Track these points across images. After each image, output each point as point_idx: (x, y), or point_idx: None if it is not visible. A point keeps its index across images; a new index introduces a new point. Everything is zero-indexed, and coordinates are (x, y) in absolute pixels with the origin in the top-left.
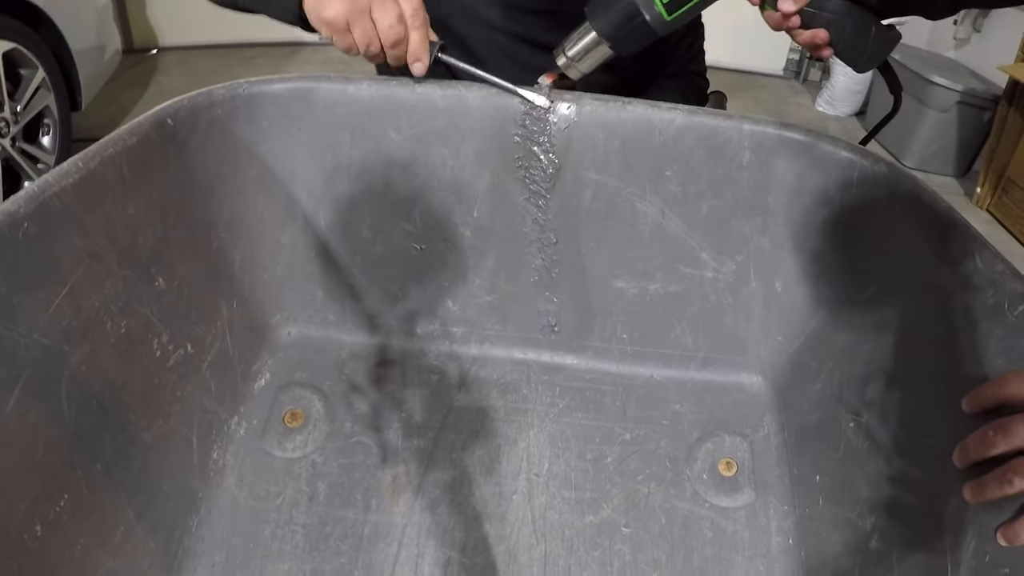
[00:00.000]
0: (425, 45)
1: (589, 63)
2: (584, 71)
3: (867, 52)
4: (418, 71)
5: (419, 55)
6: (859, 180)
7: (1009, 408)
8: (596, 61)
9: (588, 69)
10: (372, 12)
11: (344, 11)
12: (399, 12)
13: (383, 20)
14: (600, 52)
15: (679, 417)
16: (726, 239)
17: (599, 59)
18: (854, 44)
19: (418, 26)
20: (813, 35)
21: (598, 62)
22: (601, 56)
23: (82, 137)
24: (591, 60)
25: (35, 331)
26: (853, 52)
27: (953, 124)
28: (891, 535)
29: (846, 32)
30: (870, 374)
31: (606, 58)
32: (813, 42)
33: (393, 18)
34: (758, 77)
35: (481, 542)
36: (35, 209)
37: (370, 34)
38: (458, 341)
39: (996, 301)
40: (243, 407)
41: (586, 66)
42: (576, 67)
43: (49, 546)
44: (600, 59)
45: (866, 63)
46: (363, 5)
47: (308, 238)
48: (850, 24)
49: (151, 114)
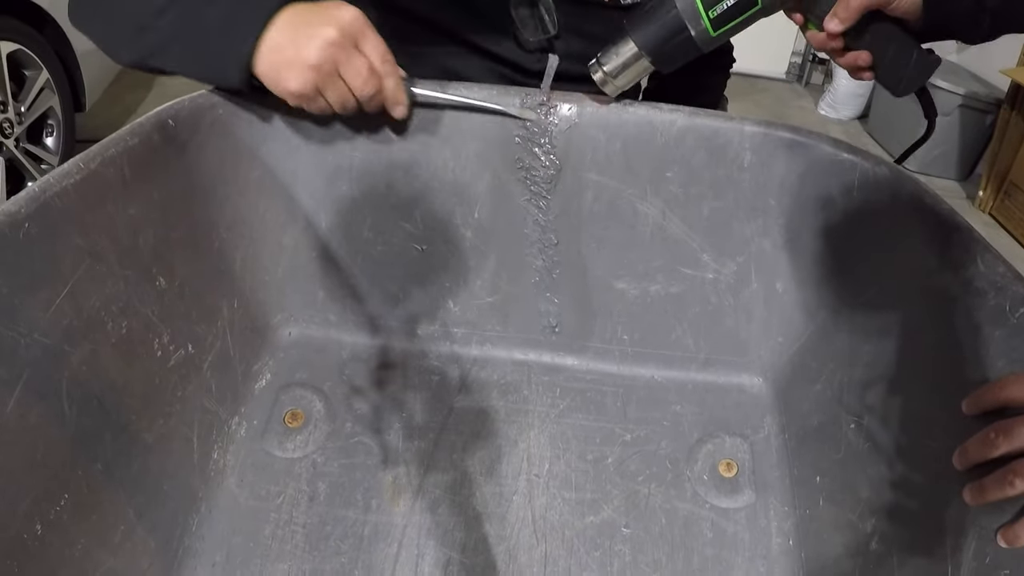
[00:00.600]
0: (401, 88)
1: (627, 78)
2: (621, 87)
3: (906, 77)
4: (400, 114)
5: (398, 100)
6: (861, 183)
7: (1010, 411)
8: (635, 76)
9: (626, 85)
10: (341, 73)
11: (311, 80)
12: (368, 64)
13: (355, 79)
14: (640, 67)
15: (680, 418)
16: (727, 240)
17: (638, 74)
18: (895, 68)
19: (390, 72)
20: (855, 57)
21: (637, 77)
22: (640, 71)
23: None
24: (630, 75)
25: (36, 331)
26: (893, 76)
27: (955, 127)
28: (892, 537)
29: (888, 56)
30: (871, 376)
31: (645, 73)
32: (855, 64)
33: (365, 73)
34: (761, 80)
35: (481, 542)
36: (36, 209)
37: (344, 95)
38: (459, 342)
39: (997, 304)
40: (244, 407)
41: (624, 81)
42: (613, 83)
43: (49, 545)
44: (639, 74)
45: (905, 88)
46: (329, 69)
47: (309, 239)
48: (893, 48)
49: (152, 115)
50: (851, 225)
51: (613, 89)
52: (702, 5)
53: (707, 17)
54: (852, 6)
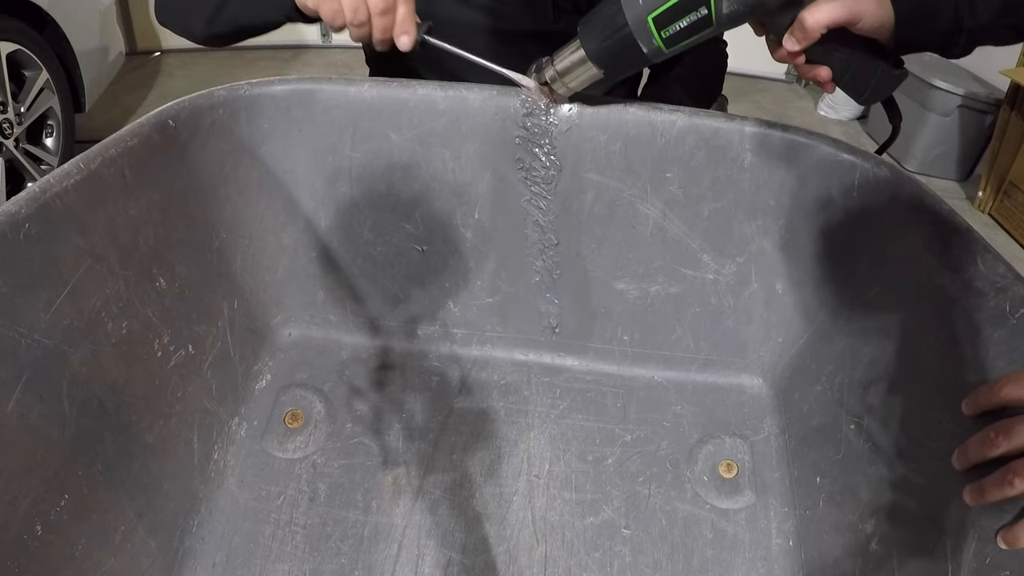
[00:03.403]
0: (412, 19)
1: (578, 82)
2: (573, 89)
3: (870, 89)
4: (404, 45)
5: (406, 28)
6: (860, 183)
7: (1010, 410)
8: (586, 81)
9: (577, 88)
10: None
11: None
12: None
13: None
14: (590, 74)
15: (680, 419)
16: (727, 241)
17: (588, 80)
18: (856, 83)
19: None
20: (814, 72)
21: (588, 82)
22: (591, 78)
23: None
24: (580, 79)
25: (36, 331)
26: (856, 89)
27: (955, 128)
28: (892, 538)
29: (848, 72)
30: (871, 377)
31: (595, 79)
32: (814, 78)
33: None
34: (760, 81)
35: (481, 543)
36: (36, 210)
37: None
38: (459, 342)
39: (997, 304)
40: (244, 408)
41: (575, 84)
42: (563, 83)
43: (50, 546)
44: (589, 80)
45: (869, 98)
46: None
47: (309, 239)
48: (854, 65)
49: (152, 115)
50: (851, 226)
51: (563, 89)
52: (654, 26)
53: (659, 37)
54: (809, 28)
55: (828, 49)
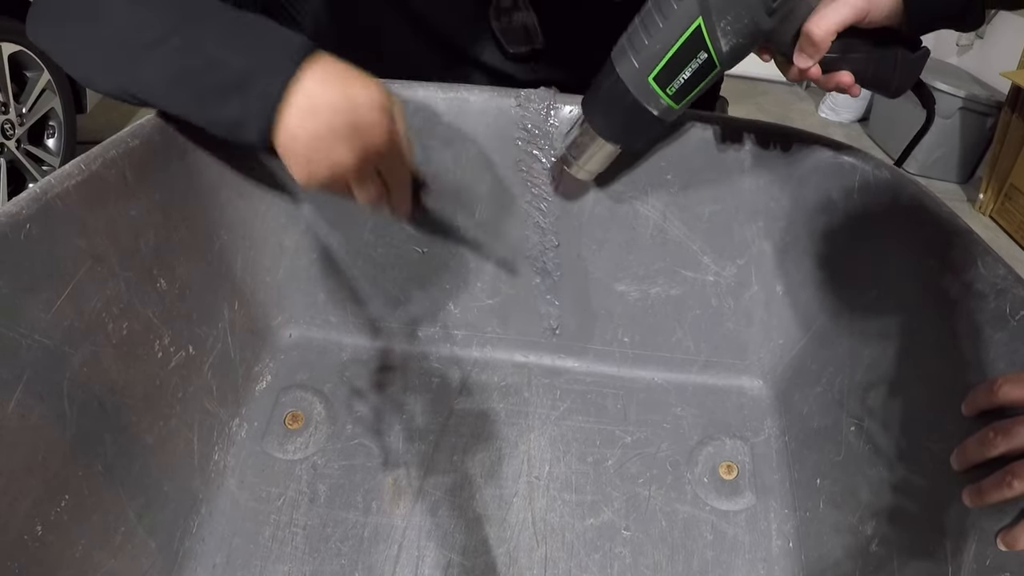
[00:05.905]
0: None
1: (600, 162)
2: (596, 170)
3: (896, 79)
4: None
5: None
6: (861, 185)
7: (1008, 411)
8: (607, 159)
9: (600, 168)
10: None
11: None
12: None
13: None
14: (605, 151)
15: (680, 420)
16: (728, 243)
17: (606, 157)
18: (881, 78)
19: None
20: (836, 80)
21: (606, 161)
22: (608, 155)
23: (87, 140)
24: (597, 159)
25: (36, 332)
26: (881, 86)
27: (956, 130)
28: (892, 540)
29: (870, 70)
30: (871, 379)
31: (613, 156)
32: (837, 86)
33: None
34: (761, 83)
35: (481, 544)
36: (37, 210)
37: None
38: (459, 344)
39: (998, 306)
40: (244, 409)
41: (597, 165)
42: (586, 170)
43: (50, 546)
44: (607, 157)
45: (896, 91)
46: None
47: (310, 241)
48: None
49: (154, 116)
50: (851, 228)
51: (586, 175)
52: (657, 85)
53: (666, 95)
54: (819, 40)
55: (842, 53)
